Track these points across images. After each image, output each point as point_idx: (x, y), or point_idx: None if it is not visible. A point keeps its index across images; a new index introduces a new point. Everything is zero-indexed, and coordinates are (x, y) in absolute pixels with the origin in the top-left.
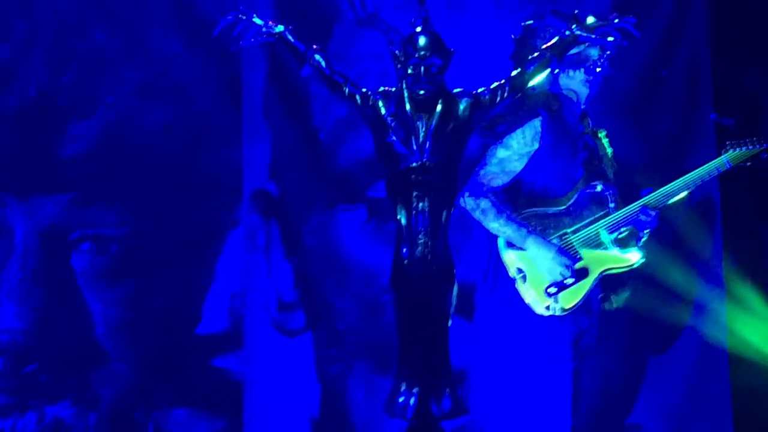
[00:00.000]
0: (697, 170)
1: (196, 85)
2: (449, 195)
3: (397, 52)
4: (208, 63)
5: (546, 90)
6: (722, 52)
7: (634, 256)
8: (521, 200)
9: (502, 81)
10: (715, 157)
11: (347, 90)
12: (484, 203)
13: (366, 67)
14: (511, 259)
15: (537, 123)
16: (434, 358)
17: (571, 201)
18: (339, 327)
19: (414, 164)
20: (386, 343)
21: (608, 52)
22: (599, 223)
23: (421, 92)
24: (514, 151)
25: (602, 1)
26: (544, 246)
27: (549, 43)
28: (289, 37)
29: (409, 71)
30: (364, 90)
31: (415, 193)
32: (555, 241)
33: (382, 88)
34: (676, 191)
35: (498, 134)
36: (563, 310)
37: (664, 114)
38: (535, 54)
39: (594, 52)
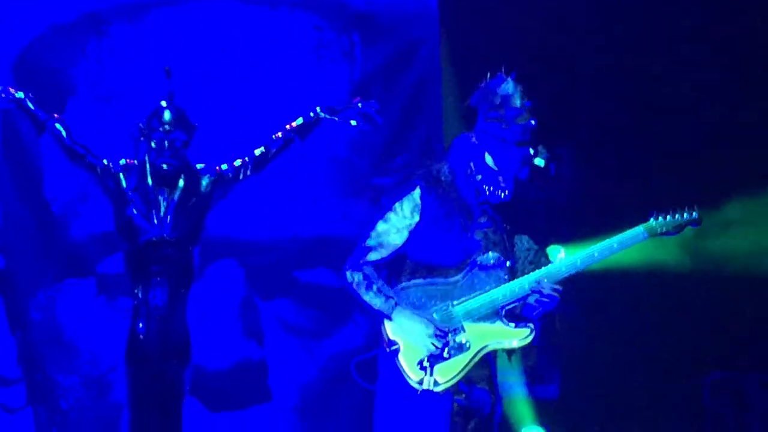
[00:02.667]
0: (611, 238)
1: None
2: (188, 270)
3: (141, 124)
4: None
5: (442, 161)
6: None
7: (522, 332)
8: (407, 270)
9: (246, 158)
10: None
11: (88, 160)
12: (358, 276)
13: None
14: (387, 330)
15: (416, 195)
16: None
17: (463, 272)
18: (62, 405)
19: (153, 238)
20: (113, 422)
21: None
22: (488, 294)
23: (164, 166)
24: (392, 225)
25: (341, 86)
26: (412, 318)
27: (293, 124)
28: (29, 105)
29: (153, 145)
30: (105, 161)
31: (153, 268)
32: (437, 312)
33: (123, 161)
34: (583, 262)
35: (381, 207)
36: (437, 384)
37: None
38: (279, 134)
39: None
